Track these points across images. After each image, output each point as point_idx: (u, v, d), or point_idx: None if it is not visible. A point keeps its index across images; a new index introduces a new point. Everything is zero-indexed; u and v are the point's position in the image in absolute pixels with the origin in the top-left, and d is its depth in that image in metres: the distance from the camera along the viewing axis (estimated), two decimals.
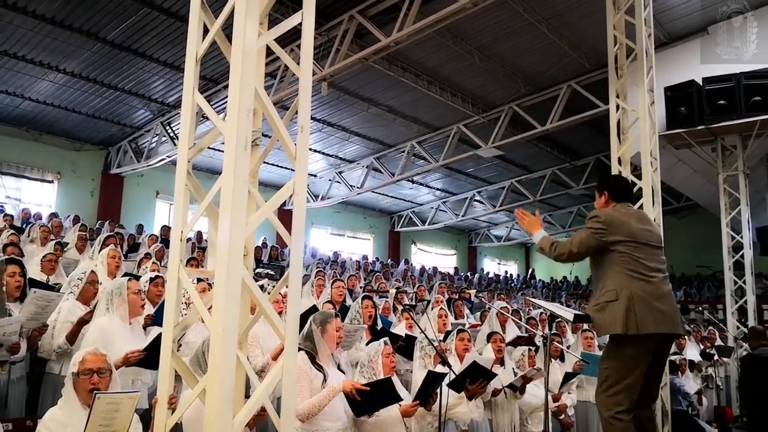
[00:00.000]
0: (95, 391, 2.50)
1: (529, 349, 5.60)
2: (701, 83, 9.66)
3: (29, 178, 13.87)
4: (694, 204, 16.62)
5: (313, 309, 5.01)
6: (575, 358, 5.86)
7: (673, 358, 7.13)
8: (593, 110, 10.78)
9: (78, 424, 2.51)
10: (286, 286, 2.58)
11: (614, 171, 6.80)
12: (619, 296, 3.50)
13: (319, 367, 3.67)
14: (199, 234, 12.71)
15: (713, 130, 9.82)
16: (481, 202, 19.66)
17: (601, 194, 3.93)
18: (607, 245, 3.61)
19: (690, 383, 7.77)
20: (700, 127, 9.68)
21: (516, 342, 5.99)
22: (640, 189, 6.61)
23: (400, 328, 5.72)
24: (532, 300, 5.55)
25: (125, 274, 5.34)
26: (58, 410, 2.74)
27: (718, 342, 10.60)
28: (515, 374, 5.15)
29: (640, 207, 6.48)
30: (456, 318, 7.53)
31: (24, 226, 9.34)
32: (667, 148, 10.24)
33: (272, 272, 7.98)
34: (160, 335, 3.54)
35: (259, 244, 13.27)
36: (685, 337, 9.19)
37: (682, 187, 14.28)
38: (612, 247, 3.60)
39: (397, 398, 3.77)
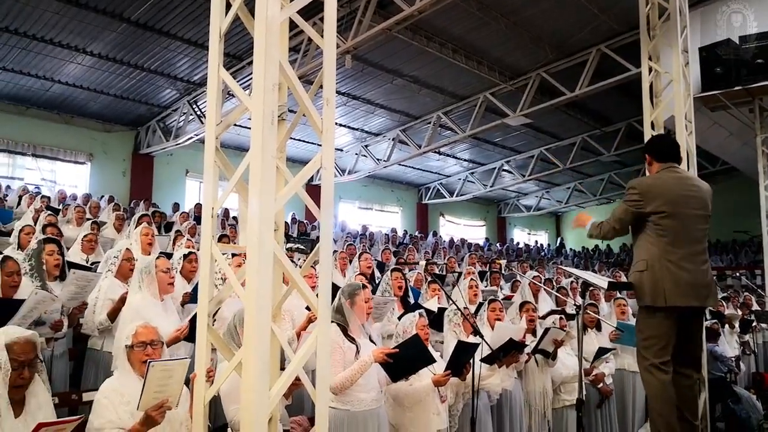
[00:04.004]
0: (149, 360, 2.59)
1: (561, 318, 5.55)
2: (738, 42, 9.33)
3: (63, 160, 14.18)
4: (730, 168, 16.18)
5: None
6: (611, 327, 5.80)
7: (708, 324, 7.04)
8: (624, 74, 10.51)
9: (134, 394, 2.62)
10: (317, 260, 2.59)
11: (647, 136, 6.62)
12: (648, 267, 3.53)
13: (352, 339, 3.70)
14: (226, 211, 12.81)
15: (750, 90, 9.49)
16: (510, 172, 19.45)
17: (645, 158, 3.93)
18: (643, 215, 3.59)
19: (727, 348, 7.70)
20: (736, 88, 9.35)
21: (549, 315, 5.94)
22: None
23: (431, 303, 5.71)
24: (566, 268, 5.47)
25: (161, 253, 5.43)
26: (115, 381, 2.86)
27: (755, 307, 10.41)
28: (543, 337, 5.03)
29: None
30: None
31: (61, 207, 9.54)
32: (702, 110, 9.94)
33: (303, 246, 8.04)
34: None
35: (288, 220, 13.36)
36: (723, 303, 9.07)
37: (717, 151, 13.90)
38: (648, 218, 3.58)
39: (431, 359, 3.79)
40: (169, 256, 4.87)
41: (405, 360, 3.64)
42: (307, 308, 4.36)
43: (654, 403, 3.59)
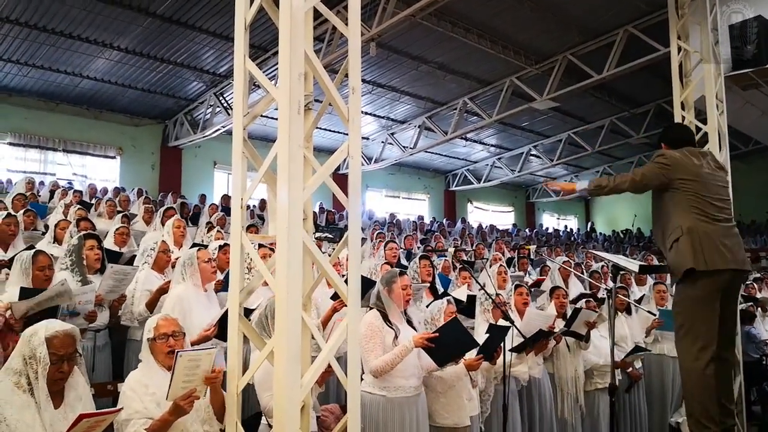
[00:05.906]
0: (177, 351, 2.60)
1: (588, 301, 5.51)
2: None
3: (93, 155, 14.44)
4: (763, 147, 15.77)
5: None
6: (644, 312, 5.73)
7: (743, 306, 6.91)
8: (652, 54, 10.28)
9: (159, 385, 2.65)
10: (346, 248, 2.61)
11: (677, 117, 6.50)
12: (684, 232, 3.55)
13: (391, 324, 3.74)
14: (263, 202, 12.82)
15: None
16: (538, 157, 19.22)
17: (660, 147, 3.99)
18: (672, 183, 3.65)
19: (762, 331, 7.56)
20: None
21: (579, 300, 5.89)
22: (706, 134, 6.32)
23: (461, 291, 5.69)
24: (596, 253, 5.43)
25: (194, 244, 5.51)
26: (139, 373, 2.90)
27: None
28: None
29: None
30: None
31: (93, 202, 9.70)
32: (733, 89, 9.66)
33: (331, 235, 8.08)
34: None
35: (316, 209, 13.39)
36: (755, 285, 8.89)
37: (750, 130, 13.53)
38: (677, 186, 3.64)
39: (474, 342, 3.80)
40: (205, 247, 4.94)
41: (447, 345, 3.64)
42: (332, 298, 4.39)
43: (691, 388, 3.57)
